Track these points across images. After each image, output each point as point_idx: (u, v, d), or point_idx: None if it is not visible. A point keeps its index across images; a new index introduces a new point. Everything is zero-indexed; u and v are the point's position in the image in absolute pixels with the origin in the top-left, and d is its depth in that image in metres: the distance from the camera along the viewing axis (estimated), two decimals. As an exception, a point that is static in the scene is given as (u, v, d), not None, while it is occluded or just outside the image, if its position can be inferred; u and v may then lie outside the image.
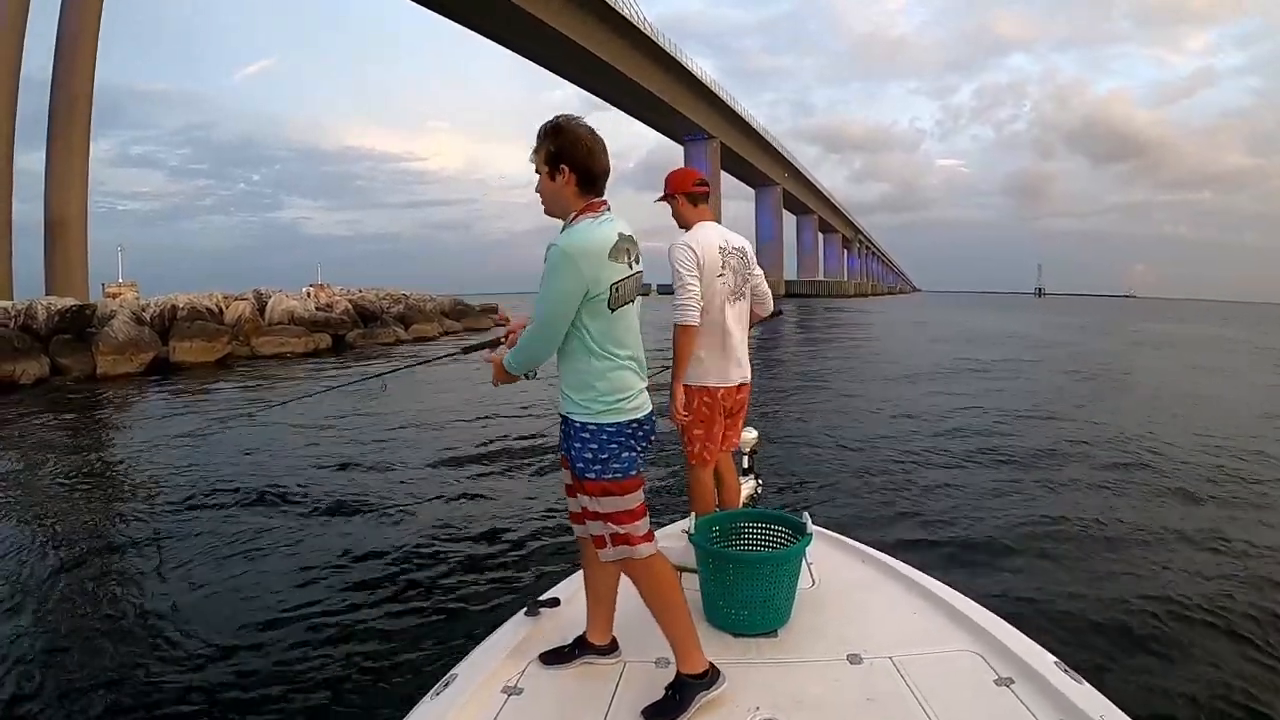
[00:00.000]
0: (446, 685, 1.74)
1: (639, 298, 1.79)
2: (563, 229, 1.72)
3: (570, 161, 1.69)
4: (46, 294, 20.10)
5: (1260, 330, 38.69)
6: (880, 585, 2.22)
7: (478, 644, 1.98)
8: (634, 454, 1.74)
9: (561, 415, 1.80)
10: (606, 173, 1.74)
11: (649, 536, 1.74)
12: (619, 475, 1.71)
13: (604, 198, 1.76)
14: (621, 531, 1.71)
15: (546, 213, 1.78)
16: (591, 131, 1.73)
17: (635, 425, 1.75)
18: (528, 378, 1.82)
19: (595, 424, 1.72)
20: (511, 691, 1.70)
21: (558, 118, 1.73)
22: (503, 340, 1.99)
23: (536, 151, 1.73)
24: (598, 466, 1.71)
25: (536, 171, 1.74)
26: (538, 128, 1.74)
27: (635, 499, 1.73)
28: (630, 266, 1.72)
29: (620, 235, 1.69)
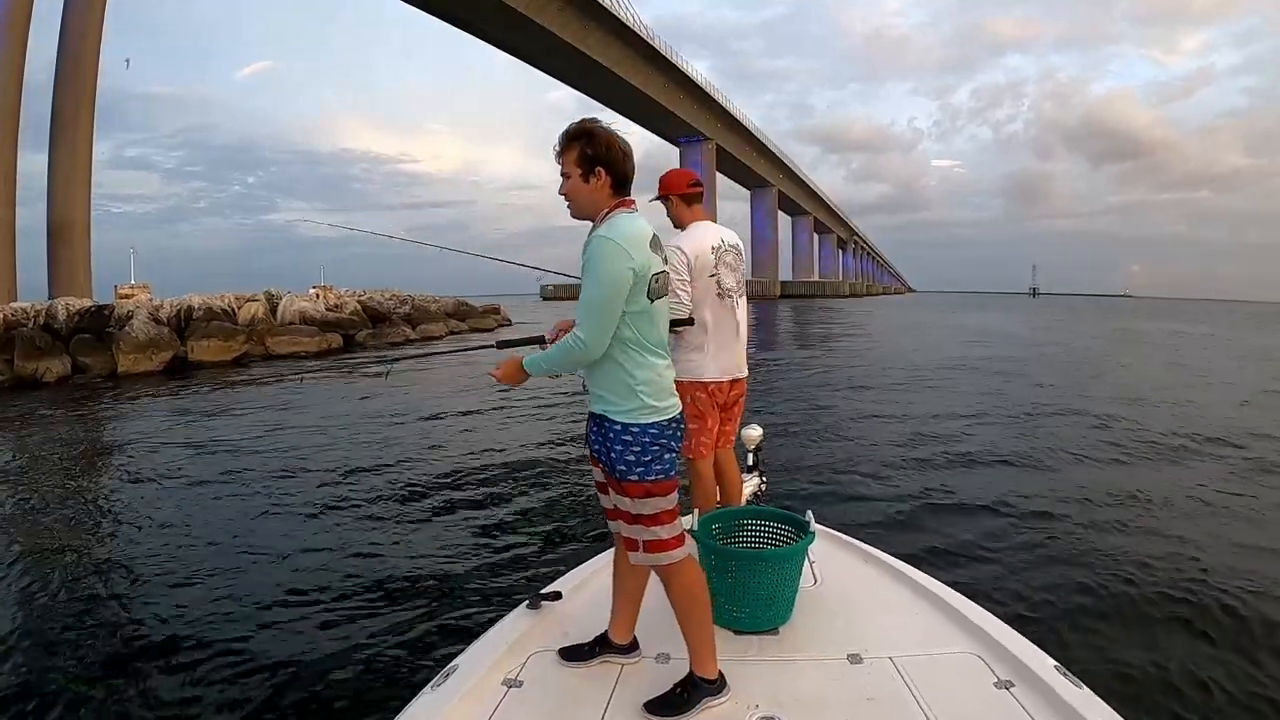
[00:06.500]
0: (447, 677, 1.74)
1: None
2: (595, 227, 1.70)
3: (606, 164, 1.70)
4: (50, 297, 20.12)
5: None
6: (882, 585, 2.22)
7: (479, 636, 1.99)
8: (674, 454, 1.73)
9: (594, 415, 1.75)
10: (633, 174, 1.76)
11: (682, 539, 1.72)
12: (661, 476, 1.69)
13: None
14: (661, 536, 1.69)
15: (575, 214, 1.75)
16: (620, 136, 1.76)
17: (674, 424, 1.73)
18: (553, 377, 1.77)
19: (638, 425, 1.68)
20: (512, 684, 1.71)
21: (585, 122, 1.73)
22: (547, 337, 1.96)
23: (564, 153, 1.71)
24: (640, 469, 1.68)
25: (563, 174, 1.72)
26: (563, 132, 1.73)
27: (673, 499, 1.72)
28: (663, 262, 1.75)
29: (653, 231, 1.74)
